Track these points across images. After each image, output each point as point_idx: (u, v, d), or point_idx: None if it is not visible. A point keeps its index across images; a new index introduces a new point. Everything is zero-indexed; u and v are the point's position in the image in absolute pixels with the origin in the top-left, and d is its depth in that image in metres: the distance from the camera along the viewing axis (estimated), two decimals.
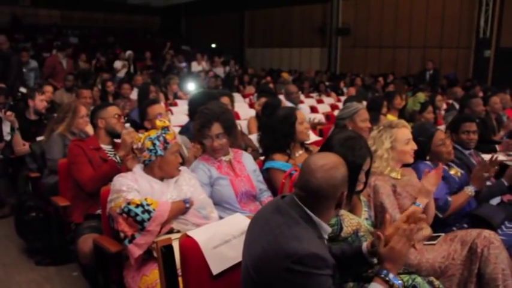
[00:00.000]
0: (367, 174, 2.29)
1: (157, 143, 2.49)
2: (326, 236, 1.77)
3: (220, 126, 2.83)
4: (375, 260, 1.97)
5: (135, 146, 2.56)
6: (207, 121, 2.84)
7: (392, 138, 2.75)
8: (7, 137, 4.69)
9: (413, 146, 2.79)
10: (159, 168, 2.53)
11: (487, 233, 2.49)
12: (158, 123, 2.52)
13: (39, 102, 4.72)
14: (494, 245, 2.42)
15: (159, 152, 2.49)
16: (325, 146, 2.28)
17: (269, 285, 1.60)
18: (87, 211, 3.16)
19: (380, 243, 1.83)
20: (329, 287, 1.59)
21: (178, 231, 2.42)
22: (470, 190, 3.07)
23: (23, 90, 4.85)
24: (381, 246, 1.83)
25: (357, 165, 2.16)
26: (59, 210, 3.31)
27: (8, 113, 4.29)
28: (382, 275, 1.75)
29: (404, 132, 2.79)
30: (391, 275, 1.75)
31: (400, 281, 1.81)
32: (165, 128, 2.52)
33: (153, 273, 2.31)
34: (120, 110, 5.86)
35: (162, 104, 5.32)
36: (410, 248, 1.83)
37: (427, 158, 3.16)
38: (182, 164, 2.73)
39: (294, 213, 1.67)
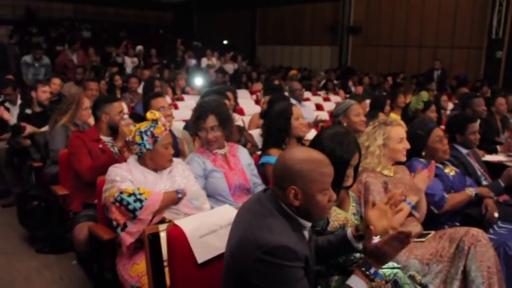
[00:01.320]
0: (356, 169, 2.32)
1: (146, 137, 2.54)
2: (306, 229, 1.79)
3: (216, 119, 2.88)
4: (361, 246, 1.96)
5: (127, 139, 2.62)
6: (203, 113, 2.89)
7: (385, 136, 2.77)
8: None
9: (406, 145, 2.80)
10: (151, 160, 2.58)
11: (474, 231, 2.50)
12: (148, 115, 2.57)
13: (42, 93, 4.79)
14: (481, 243, 2.43)
15: (148, 146, 2.54)
16: (315, 141, 2.31)
17: (243, 273, 1.64)
18: (86, 200, 3.23)
19: (369, 237, 1.82)
20: (300, 278, 1.61)
21: (170, 221, 2.46)
22: (471, 191, 3.08)
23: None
24: (368, 240, 1.83)
25: (345, 160, 2.19)
26: (59, 199, 3.39)
27: (1, 108, 4.35)
28: (364, 269, 1.76)
29: (398, 130, 2.81)
30: (372, 270, 1.76)
31: (381, 275, 1.83)
32: (154, 121, 2.57)
33: (143, 263, 2.35)
34: (128, 104, 5.96)
35: (168, 98, 5.39)
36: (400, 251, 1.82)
37: (423, 153, 3.17)
38: (177, 155, 2.78)
39: (270, 205, 1.70)
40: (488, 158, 4.24)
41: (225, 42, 18.57)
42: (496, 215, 3.03)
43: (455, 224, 3.01)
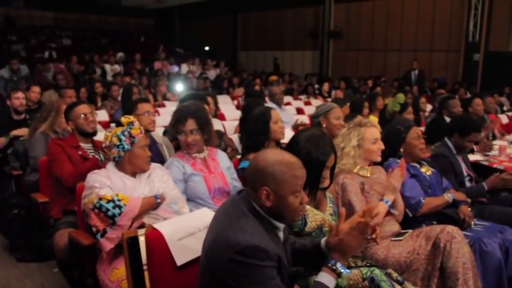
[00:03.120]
0: (332, 171, 2.37)
1: (123, 138, 2.55)
2: (280, 230, 1.81)
3: (195, 123, 2.91)
4: None
5: (103, 145, 2.61)
6: (182, 117, 2.92)
7: (360, 137, 2.81)
8: None
9: (380, 145, 2.85)
10: (129, 163, 2.59)
11: (450, 228, 2.57)
12: (123, 119, 2.58)
13: (15, 100, 4.80)
14: (456, 239, 2.50)
15: (126, 147, 2.55)
16: (291, 144, 2.35)
17: (217, 273, 1.66)
18: (66, 207, 3.22)
19: (331, 232, 1.88)
20: (272, 277, 1.64)
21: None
22: (449, 197, 3.13)
23: None
24: (331, 236, 1.88)
25: (321, 162, 2.24)
26: (39, 206, 3.37)
27: None
28: (330, 264, 1.80)
29: (372, 131, 2.85)
30: (338, 264, 1.80)
31: (348, 270, 1.87)
32: (130, 124, 2.58)
33: (123, 267, 2.35)
34: (108, 112, 5.91)
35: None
36: (363, 242, 1.87)
37: (401, 150, 3.21)
38: (160, 162, 2.79)
39: (243, 207, 1.73)
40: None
41: (207, 48, 18.59)
42: (473, 222, 3.10)
43: (433, 223, 3.05)
